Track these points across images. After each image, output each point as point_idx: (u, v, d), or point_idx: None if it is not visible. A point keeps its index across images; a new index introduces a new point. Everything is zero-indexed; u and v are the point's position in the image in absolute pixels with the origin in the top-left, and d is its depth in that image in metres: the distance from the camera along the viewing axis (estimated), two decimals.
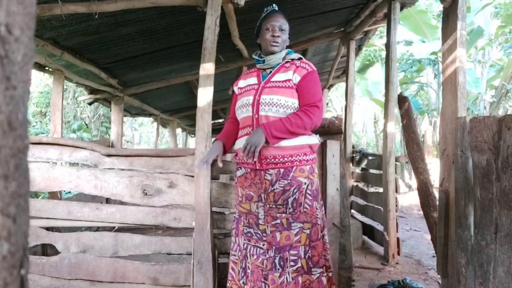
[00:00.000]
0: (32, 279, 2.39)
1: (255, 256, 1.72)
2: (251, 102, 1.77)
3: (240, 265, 1.77)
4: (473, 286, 1.58)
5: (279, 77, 1.79)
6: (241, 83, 1.93)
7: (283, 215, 1.69)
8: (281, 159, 1.69)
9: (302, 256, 1.68)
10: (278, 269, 1.67)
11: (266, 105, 1.72)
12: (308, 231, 1.70)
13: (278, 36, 1.80)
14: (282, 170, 1.70)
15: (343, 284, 2.30)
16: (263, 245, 1.71)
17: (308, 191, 1.71)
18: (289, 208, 1.69)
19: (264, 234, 1.72)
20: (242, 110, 1.81)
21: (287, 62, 1.83)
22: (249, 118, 1.76)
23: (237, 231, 1.83)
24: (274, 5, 1.91)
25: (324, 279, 1.69)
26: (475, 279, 1.56)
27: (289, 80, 1.76)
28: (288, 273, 1.67)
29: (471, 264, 1.61)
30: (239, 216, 1.83)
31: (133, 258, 2.47)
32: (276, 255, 1.68)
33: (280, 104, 1.71)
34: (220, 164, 1.88)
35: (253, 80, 1.88)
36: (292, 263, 1.67)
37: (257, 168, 1.73)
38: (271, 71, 1.84)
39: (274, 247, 1.69)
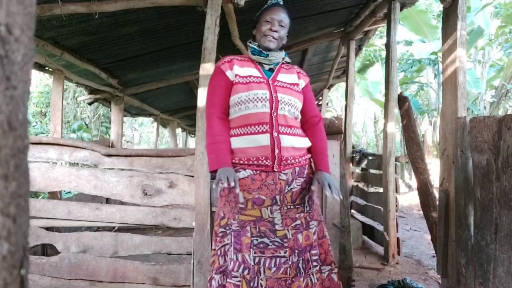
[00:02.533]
0: (32, 279, 2.39)
1: (275, 268, 1.52)
2: (269, 97, 1.60)
3: (249, 285, 1.50)
4: (473, 286, 1.58)
5: (284, 77, 1.71)
6: (239, 70, 1.67)
7: (302, 214, 1.61)
8: (298, 159, 1.64)
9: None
10: (302, 273, 1.56)
11: (285, 105, 1.62)
12: (316, 229, 1.66)
13: (275, 31, 1.67)
14: (297, 169, 1.64)
15: (343, 284, 2.30)
16: (285, 252, 1.54)
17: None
18: (306, 207, 1.64)
19: (285, 240, 1.55)
20: (256, 104, 1.59)
21: (283, 63, 1.77)
22: (266, 115, 1.59)
23: (239, 246, 1.53)
24: None
25: (334, 276, 1.63)
26: (475, 279, 1.56)
27: (296, 84, 1.73)
28: (312, 274, 1.58)
29: (471, 264, 1.61)
30: (241, 227, 1.55)
31: (133, 258, 2.47)
32: (300, 259, 1.57)
33: (294, 106, 1.66)
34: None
35: (254, 71, 1.68)
36: (314, 263, 1.60)
37: (275, 170, 1.58)
38: (270, 68, 1.72)
39: (296, 251, 1.56)
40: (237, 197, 1.56)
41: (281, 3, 1.75)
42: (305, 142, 1.69)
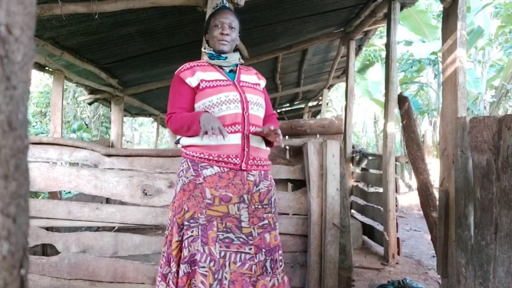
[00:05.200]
0: (32, 279, 2.39)
1: (240, 263, 1.56)
2: (239, 98, 1.65)
3: (213, 277, 1.53)
4: (473, 286, 1.58)
5: (246, 78, 1.78)
6: (203, 75, 1.68)
7: (270, 215, 1.67)
8: (263, 162, 1.71)
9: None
10: (269, 272, 1.60)
11: (254, 104, 1.69)
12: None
13: (227, 35, 1.71)
14: (263, 172, 1.71)
15: (343, 284, 2.30)
16: (250, 249, 1.59)
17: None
18: (273, 208, 1.70)
19: (250, 238, 1.60)
20: (229, 106, 1.62)
21: (240, 65, 1.83)
22: (238, 115, 1.64)
23: (205, 239, 1.56)
24: (225, 0, 1.81)
25: (286, 278, 1.70)
26: (475, 279, 1.56)
27: (258, 84, 1.81)
28: (278, 274, 1.63)
29: (471, 264, 1.60)
30: (208, 221, 1.57)
31: (133, 258, 2.47)
32: (267, 258, 1.61)
33: (261, 105, 1.75)
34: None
35: (217, 75, 1.70)
36: (280, 263, 1.67)
37: (242, 169, 1.62)
38: (230, 70, 1.77)
39: (264, 250, 1.61)
40: (204, 191, 1.58)
41: (227, 5, 1.80)
42: (266, 148, 1.77)
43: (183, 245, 1.59)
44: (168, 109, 1.70)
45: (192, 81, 1.67)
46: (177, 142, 1.75)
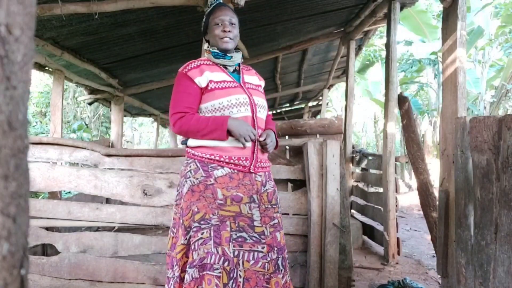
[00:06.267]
0: (32, 279, 2.39)
1: (253, 261, 1.57)
2: (248, 101, 1.65)
3: (228, 276, 1.53)
4: (473, 286, 1.58)
5: (249, 79, 1.77)
6: (211, 75, 1.65)
7: (278, 214, 1.70)
8: (266, 163, 1.74)
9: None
10: (281, 270, 1.62)
11: (261, 107, 1.70)
12: None
13: (229, 31, 1.67)
14: (266, 172, 1.73)
15: (343, 284, 2.30)
16: (263, 248, 1.60)
17: None
18: (279, 208, 1.73)
19: (262, 237, 1.61)
20: (239, 109, 1.62)
21: (241, 64, 1.82)
22: (248, 119, 1.64)
23: (218, 239, 1.54)
24: None
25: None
26: (475, 279, 1.56)
27: (260, 85, 1.81)
28: (288, 271, 1.68)
29: (471, 264, 1.60)
30: (221, 221, 1.56)
31: (133, 258, 2.47)
32: (279, 256, 1.63)
33: (265, 107, 1.75)
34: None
35: (224, 76, 1.68)
36: (288, 261, 1.71)
37: (251, 171, 1.64)
38: (234, 69, 1.76)
39: (275, 248, 1.63)
40: (215, 192, 1.57)
41: (222, 1, 1.78)
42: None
43: (191, 248, 1.56)
44: (175, 108, 1.64)
45: (201, 81, 1.63)
46: (184, 142, 1.72)
